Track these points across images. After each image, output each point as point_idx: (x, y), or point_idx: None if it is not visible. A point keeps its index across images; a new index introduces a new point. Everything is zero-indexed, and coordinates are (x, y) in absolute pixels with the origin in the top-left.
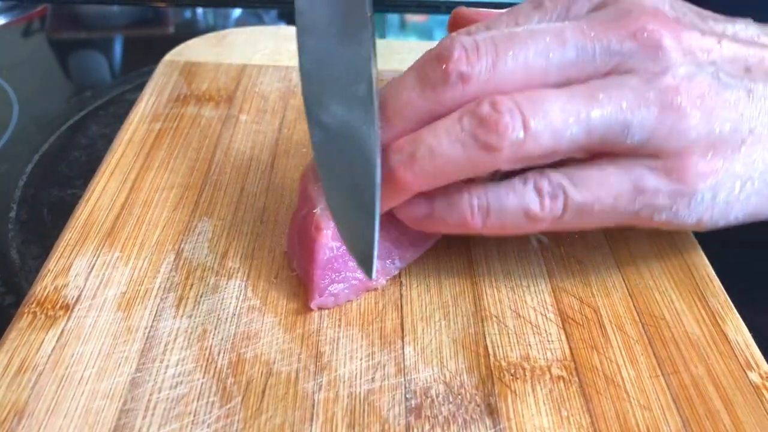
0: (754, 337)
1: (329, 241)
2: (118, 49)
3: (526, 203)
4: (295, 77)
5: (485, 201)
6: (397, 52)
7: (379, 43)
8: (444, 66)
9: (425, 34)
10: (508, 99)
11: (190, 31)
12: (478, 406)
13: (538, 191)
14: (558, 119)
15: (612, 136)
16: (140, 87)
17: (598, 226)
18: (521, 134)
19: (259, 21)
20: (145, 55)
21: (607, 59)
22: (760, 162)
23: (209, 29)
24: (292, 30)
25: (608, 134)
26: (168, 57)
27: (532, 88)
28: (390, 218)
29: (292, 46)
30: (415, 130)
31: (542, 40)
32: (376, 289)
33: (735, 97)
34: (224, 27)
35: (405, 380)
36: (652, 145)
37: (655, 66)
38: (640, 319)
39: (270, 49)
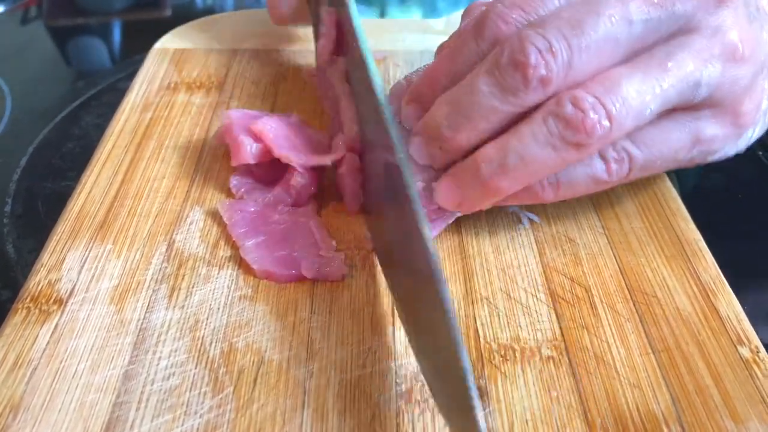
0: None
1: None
2: (116, 34)
3: (594, 171)
4: (285, 60)
5: (554, 176)
6: (395, 30)
7: (379, 22)
8: (523, 72)
9: (428, 7)
10: (587, 94)
11: (188, 13)
12: None
13: (604, 159)
14: (637, 101)
15: (683, 99)
16: (132, 75)
17: (657, 173)
18: (607, 126)
19: (256, 2)
20: (143, 40)
21: (672, 24)
22: None
23: (207, 11)
24: None
25: (680, 98)
26: (158, 45)
27: (604, 70)
28: None
29: (283, 28)
30: (496, 130)
31: (609, 21)
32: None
33: (760, 33)
34: (222, 8)
35: (395, 365)
36: (713, 98)
37: (713, 19)
38: (631, 296)
39: (260, 32)
